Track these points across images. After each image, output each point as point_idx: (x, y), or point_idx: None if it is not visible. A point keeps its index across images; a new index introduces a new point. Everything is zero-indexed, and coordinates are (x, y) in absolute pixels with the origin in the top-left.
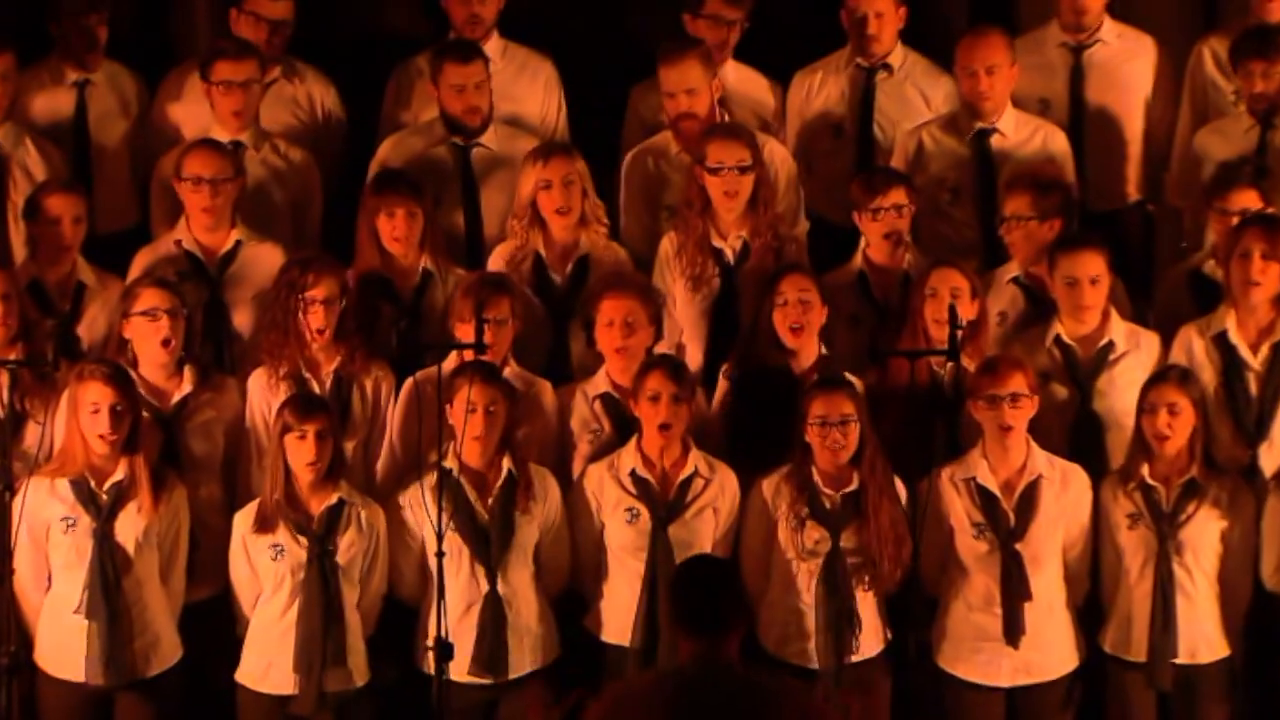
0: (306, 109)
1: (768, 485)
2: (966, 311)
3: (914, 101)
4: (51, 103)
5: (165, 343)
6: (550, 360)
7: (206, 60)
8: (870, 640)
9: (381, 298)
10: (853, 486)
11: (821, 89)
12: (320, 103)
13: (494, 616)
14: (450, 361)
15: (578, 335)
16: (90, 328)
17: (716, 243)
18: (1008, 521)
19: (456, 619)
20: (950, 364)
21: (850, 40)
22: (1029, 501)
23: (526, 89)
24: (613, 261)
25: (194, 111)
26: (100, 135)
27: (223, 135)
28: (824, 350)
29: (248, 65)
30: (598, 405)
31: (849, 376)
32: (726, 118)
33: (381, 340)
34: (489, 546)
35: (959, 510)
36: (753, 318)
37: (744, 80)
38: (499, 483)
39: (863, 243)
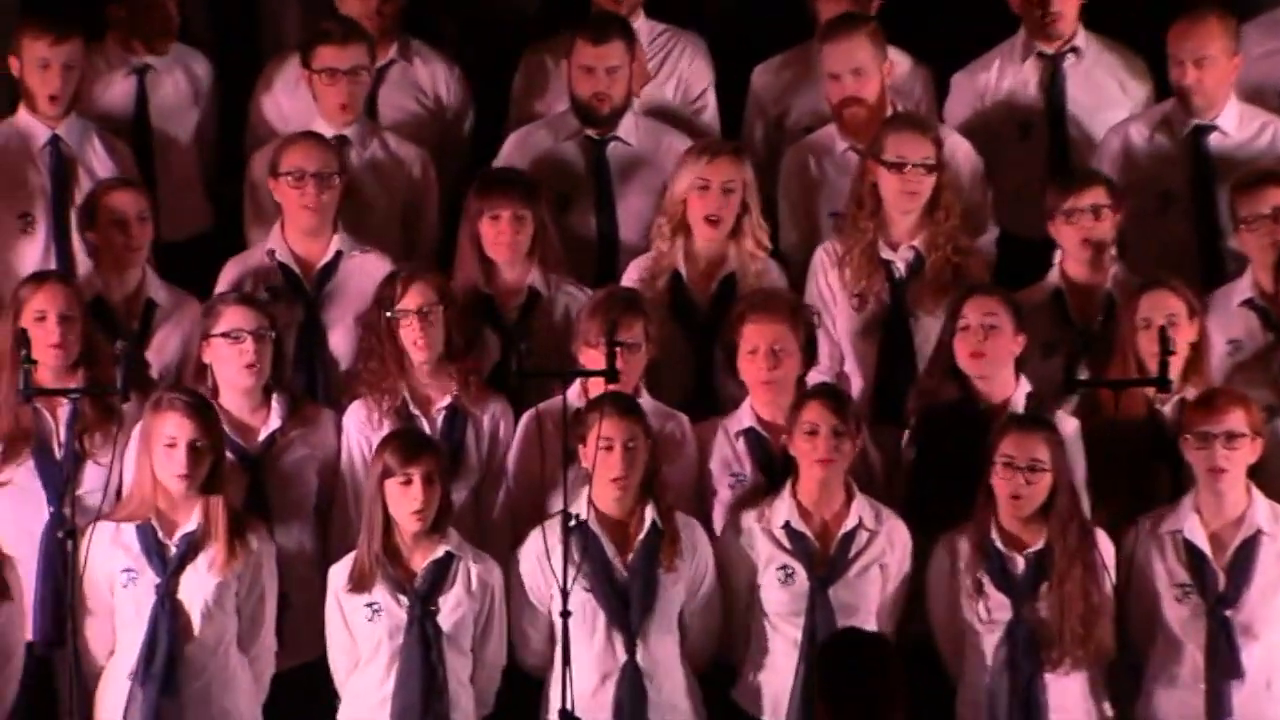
0: (429, 95)
1: (950, 543)
2: (1184, 335)
3: (1108, 89)
4: (106, 92)
5: (249, 368)
6: (693, 393)
7: (308, 45)
8: None
9: (482, 319)
10: (1040, 545)
11: (993, 87)
12: (443, 89)
13: (633, 691)
14: (575, 391)
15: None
16: (160, 351)
17: (885, 253)
18: (1217, 583)
19: (590, 693)
20: (1176, 398)
21: (1026, 25)
22: (1244, 560)
23: (675, 77)
24: (768, 284)
25: (295, 105)
26: (165, 128)
27: (326, 131)
28: (1027, 386)
29: (355, 50)
30: (741, 443)
31: (1062, 416)
32: (900, 107)
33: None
34: (628, 609)
35: (1163, 569)
36: (935, 346)
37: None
38: (641, 535)
39: (1058, 257)
